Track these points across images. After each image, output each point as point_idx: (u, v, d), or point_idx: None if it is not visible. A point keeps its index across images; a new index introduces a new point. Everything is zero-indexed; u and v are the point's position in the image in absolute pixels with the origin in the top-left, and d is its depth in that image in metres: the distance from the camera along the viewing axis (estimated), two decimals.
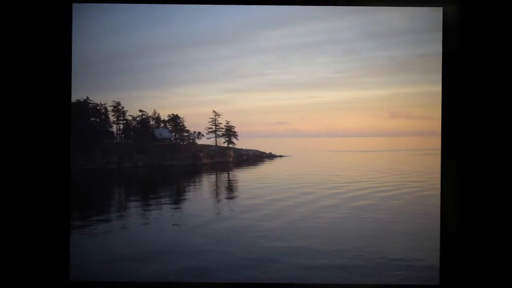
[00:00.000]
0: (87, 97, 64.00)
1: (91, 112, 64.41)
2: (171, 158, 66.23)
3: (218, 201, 38.44)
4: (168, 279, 17.32)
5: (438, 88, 3.17)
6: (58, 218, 3.10)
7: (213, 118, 72.79)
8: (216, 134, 72.80)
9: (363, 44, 78.43)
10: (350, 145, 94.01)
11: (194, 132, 71.81)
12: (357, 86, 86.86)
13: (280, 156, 76.40)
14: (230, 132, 73.13)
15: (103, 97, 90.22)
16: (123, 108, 67.21)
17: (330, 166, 61.85)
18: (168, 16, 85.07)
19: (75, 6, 3.14)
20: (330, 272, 18.26)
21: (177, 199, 39.50)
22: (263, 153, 76.05)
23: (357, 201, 34.63)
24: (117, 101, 66.82)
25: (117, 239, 24.61)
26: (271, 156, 75.69)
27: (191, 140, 71.40)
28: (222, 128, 73.04)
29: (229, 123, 73.19)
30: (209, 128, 72.76)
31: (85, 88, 70.43)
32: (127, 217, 30.95)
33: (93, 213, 32.00)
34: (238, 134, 73.70)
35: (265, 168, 63.46)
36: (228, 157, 70.73)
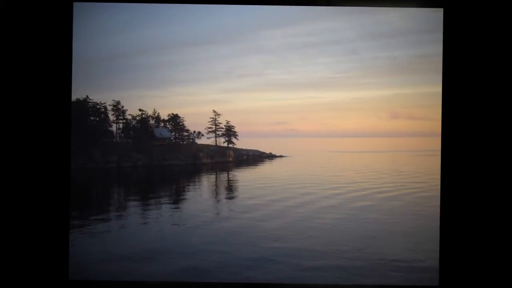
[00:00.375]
0: (87, 96, 64.03)
1: (91, 111, 64.39)
2: (171, 158, 66.18)
3: (218, 201, 38.39)
4: (167, 279, 17.28)
5: (439, 89, 3.16)
6: (57, 217, 3.10)
7: (213, 117, 72.82)
8: (216, 134, 72.79)
9: (364, 45, 78.57)
10: (350, 146, 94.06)
11: (194, 131, 71.81)
12: (357, 86, 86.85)
13: (280, 156, 76.37)
14: (230, 132, 73.10)
15: (103, 96, 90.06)
16: (122, 107, 67.24)
17: (330, 166, 61.85)
18: (169, 15, 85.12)
19: (76, 5, 3.14)
20: (330, 273, 18.23)
21: (177, 199, 39.47)
22: (263, 153, 76.01)
23: (357, 202, 34.60)
24: (117, 100, 66.89)
25: (116, 238, 24.58)
26: (271, 156, 75.65)
27: (191, 140, 71.36)
28: (222, 128, 73.04)
29: (229, 123, 73.23)
30: (209, 127, 72.77)
31: (85, 87, 70.36)
32: (126, 217, 30.91)
33: (92, 212, 31.98)
34: (238, 134, 73.74)
35: (265, 168, 63.44)
36: (228, 157, 70.69)
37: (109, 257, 20.35)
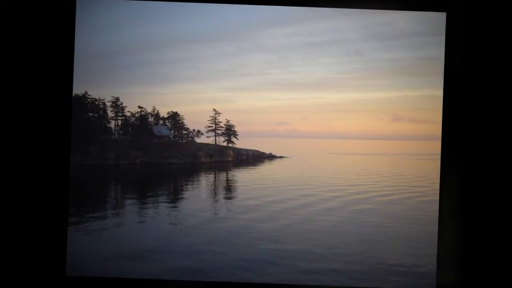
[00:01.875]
0: (86, 92, 63.78)
1: (89, 107, 64.20)
2: (169, 156, 66.02)
3: (216, 201, 38.34)
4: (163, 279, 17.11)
5: (441, 92, 3.16)
6: (56, 214, 3.10)
7: (213, 116, 72.61)
8: (215, 133, 72.62)
9: (367, 46, 78.35)
10: (351, 148, 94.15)
11: (194, 130, 71.61)
12: (360, 88, 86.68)
13: (281, 157, 76.26)
14: (230, 131, 72.92)
15: (102, 92, 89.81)
16: (122, 104, 67.00)
17: (330, 168, 61.80)
18: (171, 13, 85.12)
19: (78, 2, 3.15)
20: (328, 276, 18.20)
21: (174, 198, 39.41)
22: (263, 153, 75.90)
23: (357, 205, 34.53)
24: (116, 96, 66.65)
25: (113, 237, 24.51)
26: (271, 157, 75.54)
27: (190, 138, 71.17)
28: (222, 127, 72.87)
29: (229, 122, 73.06)
30: (209, 126, 72.54)
31: (84, 82, 70.16)
32: (123, 215, 30.83)
33: (89, 210, 31.88)
34: (238, 133, 73.58)
35: (265, 169, 63.40)
36: (227, 156, 70.56)
37: (105, 255, 20.34)
